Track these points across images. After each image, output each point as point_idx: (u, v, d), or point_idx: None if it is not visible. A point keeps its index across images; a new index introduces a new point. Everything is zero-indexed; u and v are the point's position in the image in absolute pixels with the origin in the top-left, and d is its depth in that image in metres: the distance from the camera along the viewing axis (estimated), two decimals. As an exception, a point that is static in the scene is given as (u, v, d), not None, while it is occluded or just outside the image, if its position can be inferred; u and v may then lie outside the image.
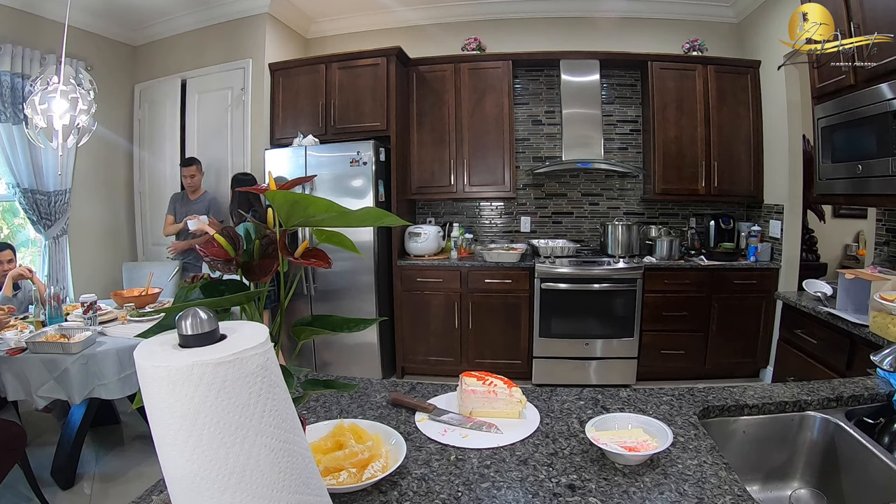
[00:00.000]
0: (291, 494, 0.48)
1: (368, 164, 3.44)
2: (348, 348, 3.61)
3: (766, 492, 1.13)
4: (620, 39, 3.95)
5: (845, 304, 2.11)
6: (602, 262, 3.58)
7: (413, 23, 4.17)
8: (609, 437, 0.94)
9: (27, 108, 2.56)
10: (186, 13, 3.95)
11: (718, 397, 1.16)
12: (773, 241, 3.63)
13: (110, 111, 3.92)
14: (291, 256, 0.69)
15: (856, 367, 1.96)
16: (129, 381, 2.29)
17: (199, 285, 0.70)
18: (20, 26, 3.34)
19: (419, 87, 3.88)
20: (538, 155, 4.17)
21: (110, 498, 2.30)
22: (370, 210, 0.65)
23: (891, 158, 1.99)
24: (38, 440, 2.73)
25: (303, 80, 3.78)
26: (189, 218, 3.43)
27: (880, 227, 2.67)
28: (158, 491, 0.82)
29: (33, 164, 3.43)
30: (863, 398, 1.17)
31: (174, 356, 0.44)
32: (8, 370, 2.17)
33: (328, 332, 0.73)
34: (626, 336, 3.46)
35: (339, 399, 1.20)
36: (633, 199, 4.17)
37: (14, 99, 3.24)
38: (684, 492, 0.80)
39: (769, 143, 3.69)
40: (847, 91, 2.24)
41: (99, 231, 4.06)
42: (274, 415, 0.47)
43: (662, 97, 3.72)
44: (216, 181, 3.99)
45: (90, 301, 2.60)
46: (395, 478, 0.86)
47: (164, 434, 0.44)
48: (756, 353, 3.58)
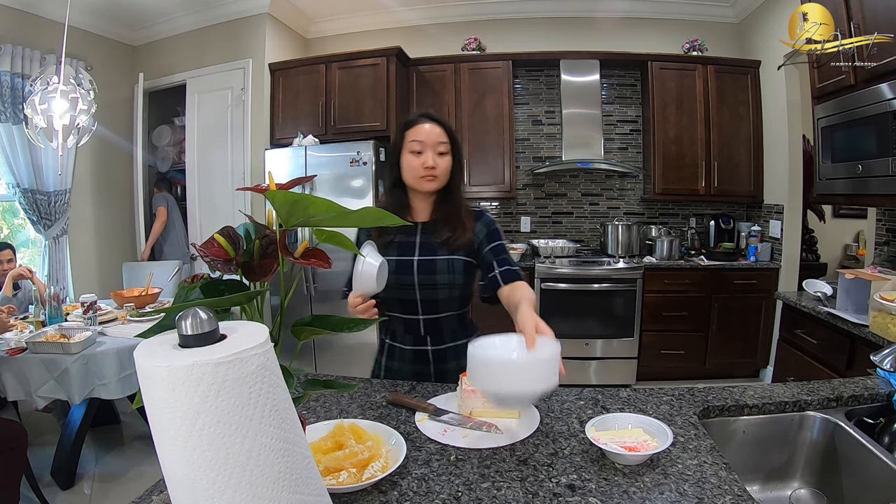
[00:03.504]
0: (291, 494, 0.48)
1: (368, 164, 3.44)
2: (348, 348, 3.61)
3: (766, 492, 1.13)
4: (620, 39, 3.95)
5: (845, 304, 2.11)
6: (602, 262, 3.58)
7: (413, 23, 4.17)
8: (609, 437, 0.94)
9: (27, 108, 2.56)
10: (186, 13, 3.95)
11: (718, 397, 1.16)
12: (773, 241, 3.63)
13: (110, 111, 3.92)
14: (291, 256, 0.69)
15: (856, 367, 1.96)
16: (129, 381, 2.29)
17: (199, 285, 0.70)
18: (20, 26, 3.34)
19: (419, 87, 3.88)
20: (538, 155, 4.17)
21: (110, 498, 2.30)
22: (370, 210, 0.65)
23: (891, 158, 1.99)
24: (38, 440, 2.73)
25: (303, 80, 3.78)
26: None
27: (880, 227, 2.67)
28: (158, 491, 0.82)
29: (33, 164, 3.43)
30: (863, 398, 1.17)
31: (174, 356, 0.44)
32: (8, 370, 2.17)
33: (328, 332, 0.73)
34: (626, 336, 3.46)
35: (339, 399, 1.20)
36: (633, 199, 4.17)
37: (14, 99, 3.24)
38: (684, 492, 0.80)
39: (769, 143, 3.69)
40: (847, 91, 2.24)
41: (99, 231, 4.06)
42: (274, 415, 0.47)
43: (662, 97, 3.72)
44: (217, 181, 3.99)
45: (90, 301, 2.60)
46: (395, 478, 0.86)
47: (164, 434, 0.44)
48: (756, 353, 3.58)
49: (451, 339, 1.42)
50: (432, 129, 1.35)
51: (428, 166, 1.33)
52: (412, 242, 1.40)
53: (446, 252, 1.38)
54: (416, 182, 1.36)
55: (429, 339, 1.41)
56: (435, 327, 1.41)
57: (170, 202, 4.21)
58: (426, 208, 1.43)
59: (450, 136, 1.37)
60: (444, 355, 1.42)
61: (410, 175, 1.36)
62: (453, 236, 1.37)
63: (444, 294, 1.38)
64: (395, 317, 1.42)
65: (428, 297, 1.38)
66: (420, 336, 1.41)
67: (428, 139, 1.34)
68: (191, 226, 4.13)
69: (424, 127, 1.35)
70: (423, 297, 1.38)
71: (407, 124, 1.38)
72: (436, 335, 1.41)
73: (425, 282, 1.37)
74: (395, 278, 1.34)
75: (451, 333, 1.43)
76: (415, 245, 1.40)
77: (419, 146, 1.34)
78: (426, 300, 1.38)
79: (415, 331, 1.41)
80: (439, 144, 1.35)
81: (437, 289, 1.37)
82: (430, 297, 1.38)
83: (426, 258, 1.38)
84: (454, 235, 1.37)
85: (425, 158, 1.33)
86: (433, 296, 1.38)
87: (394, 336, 1.44)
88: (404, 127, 1.38)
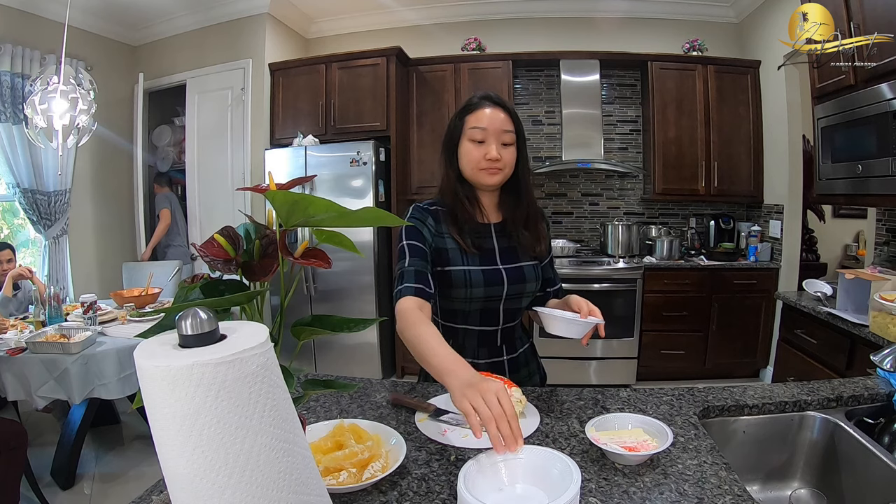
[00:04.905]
0: (291, 494, 0.48)
1: (368, 164, 3.44)
2: (348, 348, 3.61)
3: (766, 492, 1.13)
4: (620, 39, 3.95)
5: (845, 304, 2.11)
6: (602, 262, 3.58)
7: (413, 23, 4.17)
8: (609, 437, 0.93)
9: (27, 108, 2.56)
10: (186, 13, 3.95)
11: (718, 397, 1.16)
12: (773, 241, 3.63)
13: (110, 111, 3.92)
14: (291, 256, 0.69)
15: (856, 367, 1.96)
16: (129, 381, 2.29)
17: (199, 285, 0.70)
18: (20, 26, 3.34)
19: (419, 87, 3.88)
20: (538, 155, 4.17)
21: (110, 498, 2.30)
22: (370, 210, 0.64)
23: (891, 158, 1.99)
24: (38, 440, 2.73)
25: (303, 80, 3.78)
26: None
27: (880, 227, 2.67)
28: (158, 491, 0.82)
29: (33, 164, 3.43)
30: (863, 398, 1.17)
31: (174, 356, 0.44)
32: (8, 370, 2.17)
33: (328, 332, 0.73)
34: (626, 336, 3.46)
35: (339, 399, 1.20)
36: (633, 199, 4.17)
37: (14, 99, 3.24)
38: (684, 492, 0.80)
39: (769, 143, 3.69)
40: (847, 91, 2.24)
41: (99, 231, 4.06)
42: (274, 415, 0.47)
43: (662, 97, 3.72)
44: (217, 181, 3.99)
45: (90, 301, 2.60)
46: (395, 478, 0.86)
47: (164, 434, 0.44)
48: (756, 353, 3.58)
49: (520, 345, 1.34)
50: (496, 114, 1.18)
51: (491, 157, 1.17)
52: (490, 248, 1.25)
53: (528, 258, 1.26)
54: (476, 175, 1.20)
55: (504, 349, 1.30)
56: (510, 336, 1.31)
57: (173, 203, 4.18)
58: (493, 206, 1.29)
59: (515, 124, 1.20)
60: (517, 363, 1.32)
61: (469, 167, 1.20)
62: (534, 240, 1.26)
63: (527, 302, 1.29)
64: (470, 330, 1.27)
65: (512, 306, 1.27)
66: (496, 347, 1.29)
67: (491, 126, 1.17)
68: (191, 226, 4.14)
69: (487, 112, 1.18)
70: (507, 306, 1.26)
71: (467, 108, 1.21)
72: (510, 344, 1.31)
73: (514, 292, 1.24)
74: (484, 290, 1.21)
75: (520, 339, 1.35)
76: (494, 251, 1.25)
77: (481, 134, 1.17)
78: (509, 310, 1.27)
79: (491, 343, 1.29)
80: (504, 133, 1.18)
81: (523, 298, 1.27)
82: (513, 307, 1.27)
83: (513, 266, 1.25)
84: (534, 240, 1.26)
85: (488, 149, 1.17)
86: (517, 304, 1.27)
87: (463, 351, 1.20)
88: (464, 111, 1.22)
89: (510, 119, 1.19)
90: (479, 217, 1.26)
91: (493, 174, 1.19)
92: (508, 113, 1.19)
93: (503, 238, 1.27)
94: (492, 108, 1.18)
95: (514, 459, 0.78)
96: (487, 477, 0.76)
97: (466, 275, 1.21)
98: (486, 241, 1.25)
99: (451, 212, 1.24)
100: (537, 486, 0.76)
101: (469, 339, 1.28)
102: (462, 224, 1.23)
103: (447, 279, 1.23)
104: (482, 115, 1.18)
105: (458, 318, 1.27)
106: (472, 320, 1.26)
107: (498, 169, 1.19)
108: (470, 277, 1.21)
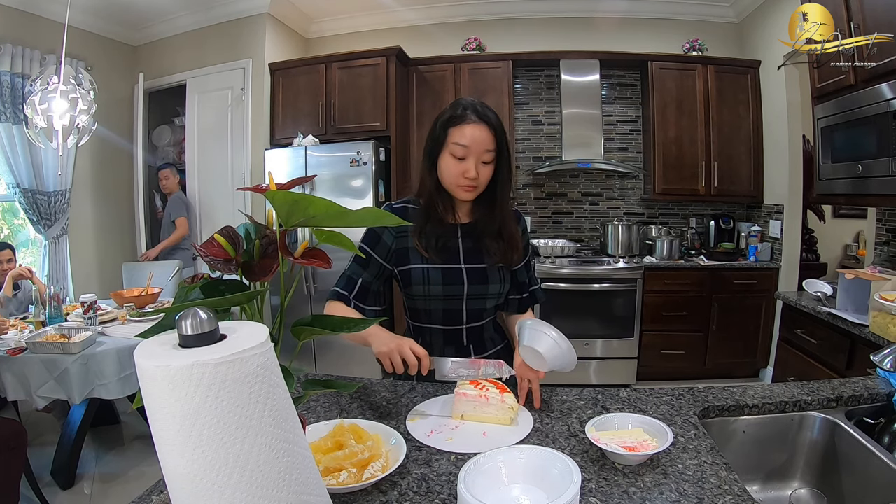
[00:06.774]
0: (291, 494, 0.48)
1: (368, 164, 3.44)
2: (348, 348, 3.60)
3: (766, 492, 1.13)
4: (620, 39, 3.95)
5: (845, 304, 2.11)
6: (602, 262, 3.58)
7: (413, 23, 4.17)
8: (609, 437, 0.93)
9: (27, 108, 2.56)
10: (186, 13, 3.95)
11: (718, 397, 1.16)
12: (773, 241, 3.63)
13: (110, 111, 3.92)
14: (291, 256, 0.69)
15: (856, 367, 1.96)
16: (129, 381, 2.29)
17: (199, 285, 0.70)
18: (20, 26, 3.34)
19: (419, 87, 3.88)
20: (538, 155, 4.17)
21: (110, 498, 2.30)
22: (370, 210, 0.65)
23: (891, 158, 1.99)
24: (38, 440, 2.73)
25: (303, 80, 3.78)
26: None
27: (880, 227, 2.67)
28: (158, 491, 0.82)
29: (33, 164, 3.43)
30: (863, 398, 1.17)
31: (174, 356, 0.44)
32: (8, 370, 2.17)
33: (328, 332, 0.73)
34: (626, 336, 3.46)
35: (339, 399, 1.20)
36: (633, 199, 4.17)
37: (14, 99, 3.24)
38: (684, 492, 0.80)
39: (769, 143, 3.69)
40: (847, 91, 2.24)
41: (99, 231, 4.06)
42: (274, 415, 0.47)
43: (662, 97, 3.72)
44: (216, 181, 3.99)
45: (90, 301, 2.60)
46: (395, 478, 0.86)
47: (164, 434, 0.44)
48: (756, 353, 3.58)
49: (491, 346, 1.35)
50: (479, 133, 1.16)
51: (469, 176, 1.17)
52: (454, 247, 1.27)
53: (495, 260, 1.27)
54: (454, 189, 1.22)
55: (472, 349, 1.32)
56: (478, 335, 1.33)
57: (189, 209, 4.01)
58: (466, 211, 1.31)
59: (497, 141, 1.19)
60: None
61: (448, 180, 1.22)
62: (506, 248, 1.27)
63: (492, 303, 1.30)
64: (435, 329, 1.30)
65: (475, 306, 1.28)
66: (463, 346, 1.32)
67: (473, 144, 1.16)
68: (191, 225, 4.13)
69: (470, 129, 1.16)
70: (471, 306, 1.27)
71: (452, 119, 1.19)
72: (479, 343, 1.33)
73: (476, 292, 1.26)
74: (443, 289, 1.24)
75: (491, 340, 1.36)
76: (458, 250, 1.27)
77: (462, 151, 1.16)
78: (473, 310, 1.28)
79: (457, 341, 1.31)
80: (485, 153, 1.17)
81: (487, 298, 1.28)
82: (477, 307, 1.28)
83: (476, 266, 1.26)
84: (507, 248, 1.27)
85: (467, 167, 1.17)
86: (480, 305, 1.28)
87: (431, 349, 1.22)
88: (448, 122, 1.19)
89: (493, 137, 1.18)
90: (451, 218, 1.28)
91: (469, 191, 1.21)
92: (492, 128, 1.18)
93: (469, 238, 1.29)
94: (475, 125, 1.17)
95: (515, 459, 0.79)
96: (487, 477, 0.76)
97: (425, 272, 1.25)
98: (450, 240, 1.27)
99: (425, 211, 1.27)
100: (537, 486, 0.76)
101: (435, 337, 1.32)
102: (425, 224, 1.25)
103: (407, 277, 1.26)
104: (465, 132, 1.16)
105: (423, 317, 1.31)
106: (436, 318, 1.30)
107: (473, 187, 1.20)
108: (428, 275, 1.25)
